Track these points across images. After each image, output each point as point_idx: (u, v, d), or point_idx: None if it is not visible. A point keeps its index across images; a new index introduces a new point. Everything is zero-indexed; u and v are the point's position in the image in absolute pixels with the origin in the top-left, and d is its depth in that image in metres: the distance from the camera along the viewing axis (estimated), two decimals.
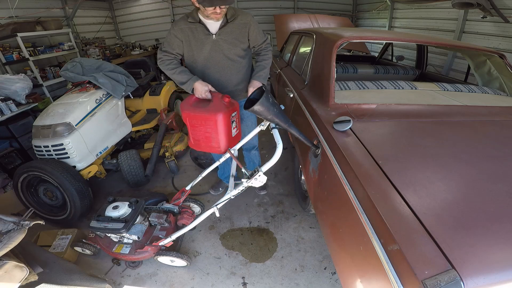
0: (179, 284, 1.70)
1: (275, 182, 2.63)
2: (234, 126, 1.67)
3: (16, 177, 2.10)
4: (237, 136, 1.74)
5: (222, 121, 1.56)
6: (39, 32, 4.06)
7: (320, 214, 1.46)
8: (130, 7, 6.77)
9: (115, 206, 1.67)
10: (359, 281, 0.99)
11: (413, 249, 0.76)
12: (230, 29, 1.69)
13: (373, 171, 1.06)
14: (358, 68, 2.86)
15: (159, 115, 3.13)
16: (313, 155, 1.57)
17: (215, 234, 2.07)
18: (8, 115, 2.84)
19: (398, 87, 1.90)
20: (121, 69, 2.80)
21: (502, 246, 0.78)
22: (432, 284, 0.68)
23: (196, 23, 1.65)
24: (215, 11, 1.51)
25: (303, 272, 1.75)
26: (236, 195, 1.48)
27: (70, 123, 2.17)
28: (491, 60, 2.14)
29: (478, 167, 1.10)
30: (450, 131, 1.38)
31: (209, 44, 1.71)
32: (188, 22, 1.66)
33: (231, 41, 1.72)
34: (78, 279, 1.41)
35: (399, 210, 0.88)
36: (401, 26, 5.41)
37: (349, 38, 1.91)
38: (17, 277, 1.18)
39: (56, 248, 1.81)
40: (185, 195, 1.98)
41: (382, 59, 3.79)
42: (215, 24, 1.67)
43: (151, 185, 2.68)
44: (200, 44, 1.72)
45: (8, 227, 1.24)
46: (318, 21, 5.71)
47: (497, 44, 3.47)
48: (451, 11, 4.02)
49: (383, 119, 1.48)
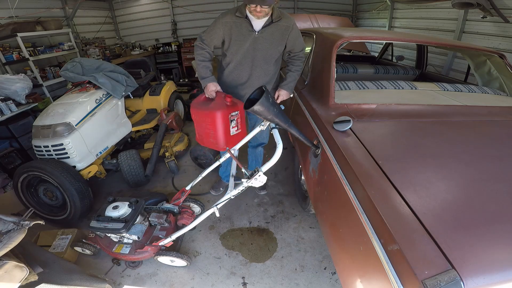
0: (179, 284, 1.70)
1: (275, 182, 2.63)
2: (234, 125, 1.71)
3: (16, 177, 2.10)
4: (238, 135, 1.77)
5: (220, 119, 1.62)
6: (39, 32, 4.05)
7: (320, 214, 1.46)
8: (130, 7, 6.76)
9: (115, 206, 1.67)
10: (359, 281, 0.99)
11: (413, 249, 0.76)
12: (273, 29, 1.72)
13: (373, 171, 1.06)
14: (358, 68, 2.86)
15: (159, 115, 3.13)
16: (313, 155, 1.57)
17: (215, 234, 2.07)
18: (8, 115, 2.84)
19: (398, 87, 1.90)
20: (121, 69, 2.80)
21: (502, 246, 0.78)
22: (432, 284, 0.68)
23: (243, 18, 1.68)
24: (256, 9, 1.56)
25: (303, 272, 1.75)
26: (236, 195, 1.48)
27: (70, 123, 2.17)
28: (491, 60, 2.14)
29: (478, 167, 1.10)
30: (450, 131, 1.38)
31: (250, 40, 1.74)
32: (235, 16, 1.69)
33: (271, 41, 1.75)
34: (78, 279, 1.41)
35: (399, 210, 0.88)
36: (401, 26, 5.41)
37: (349, 38, 1.91)
38: (17, 277, 1.18)
39: (56, 248, 1.81)
40: (185, 195, 1.98)
41: (382, 59, 3.79)
42: (260, 22, 1.69)
43: (151, 185, 2.68)
44: (242, 38, 1.75)
45: (8, 227, 1.24)
46: (318, 21, 5.70)
47: (497, 44, 3.46)
48: (451, 11, 4.01)
49: (383, 119, 1.48)
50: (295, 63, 1.87)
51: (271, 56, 1.82)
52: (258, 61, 1.82)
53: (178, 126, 3.19)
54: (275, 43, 1.77)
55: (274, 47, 1.78)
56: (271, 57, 1.83)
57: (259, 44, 1.75)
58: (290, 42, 1.80)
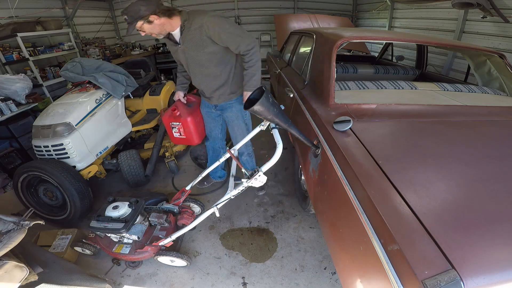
0: (179, 284, 1.70)
1: (275, 182, 2.63)
2: (176, 131, 2.25)
3: (16, 177, 2.10)
4: (184, 140, 2.28)
5: (164, 123, 2.26)
6: (39, 32, 4.05)
7: (320, 214, 1.46)
8: None
9: (115, 206, 1.67)
10: (359, 281, 0.99)
11: (413, 249, 0.76)
12: (189, 36, 1.65)
13: (373, 171, 1.06)
14: (358, 68, 2.86)
15: (159, 115, 3.13)
16: (313, 155, 1.57)
17: (215, 234, 2.07)
18: (8, 115, 2.84)
19: (398, 87, 1.90)
20: (121, 69, 2.80)
21: (502, 246, 0.78)
22: (432, 284, 0.68)
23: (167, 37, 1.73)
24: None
25: (303, 272, 1.75)
26: (236, 195, 1.48)
27: (70, 123, 2.17)
28: (491, 60, 2.14)
29: (478, 167, 1.10)
30: (450, 131, 1.38)
31: (180, 53, 1.78)
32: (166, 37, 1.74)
33: (194, 47, 1.68)
34: (78, 279, 1.41)
35: (399, 210, 0.88)
36: (401, 26, 5.41)
37: (349, 38, 1.91)
38: (17, 277, 1.18)
39: (56, 248, 1.81)
40: (185, 195, 1.98)
41: (382, 59, 3.79)
42: (177, 34, 1.69)
43: (151, 185, 2.68)
44: (175, 53, 1.85)
45: (8, 227, 1.24)
46: (318, 21, 5.71)
47: (497, 44, 3.47)
48: (451, 11, 4.01)
49: (383, 119, 1.48)
50: (245, 59, 1.69)
51: (205, 60, 1.73)
52: (196, 69, 1.82)
53: None
54: (199, 48, 1.67)
55: (200, 52, 1.68)
56: (206, 61, 1.74)
57: (187, 53, 1.74)
58: (217, 39, 1.62)
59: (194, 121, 2.17)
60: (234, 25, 1.65)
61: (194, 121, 2.17)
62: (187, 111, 2.15)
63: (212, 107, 2.10)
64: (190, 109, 2.19)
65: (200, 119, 2.24)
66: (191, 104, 2.27)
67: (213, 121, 2.19)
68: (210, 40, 1.63)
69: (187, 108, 2.19)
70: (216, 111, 2.11)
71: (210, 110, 2.13)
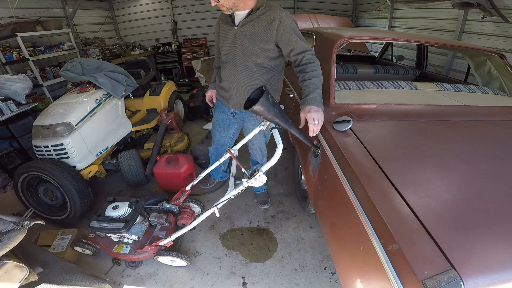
0: (179, 284, 1.70)
1: (275, 182, 2.63)
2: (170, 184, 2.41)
3: (16, 177, 2.10)
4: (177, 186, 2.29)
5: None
6: (39, 32, 4.05)
7: (320, 214, 1.46)
8: (130, 7, 6.76)
9: (115, 206, 1.67)
10: (359, 281, 0.99)
11: (413, 249, 0.76)
12: (253, 22, 1.49)
13: (373, 171, 1.06)
14: (358, 68, 2.86)
15: (159, 115, 3.13)
16: (313, 155, 1.57)
17: (215, 234, 2.07)
18: (8, 115, 2.84)
19: (398, 87, 1.90)
20: (121, 69, 2.80)
21: (502, 246, 0.78)
22: (432, 284, 0.68)
23: None
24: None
25: (303, 272, 1.75)
26: (236, 195, 1.48)
27: (70, 123, 2.17)
28: (491, 60, 2.14)
29: (478, 167, 1.10)
30: (450, 131, 1.38)
31: (231, 36, 1.58)
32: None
33: (251, 36, 1.51)
34: (78, 279, 1.41)
35: (399, 210, 0.88)
36: (401, 26, 5.41)
37: (349, 38, 1.91)
38: (17, 277, 1.18)
39: (56, 248, 1.81)
40: (185, 195, 1.98)
41: (382, 59, 3.79)
42: (241, 15, 1.52)
43: (151, 185, 2.68)
44: (224, 35, 1.62)
45: (8, 227, 1.24)
46: (318, 21, 5.70)
47: (497, 44, 3.47)
48: (451, 11, 4.01)
49: (383, 119, 1.48)
50: (306, 70, 1.45)
51: (253, 53, 1.55)
52: (239, 59, 1.60)
53: (178, 126, 3.19)
54: (256, 39, 1.50)
55: (254, 42, 1.51)
56: (253, 55, 1.56)
57: (238, 39, 1.55)
58: (282, 38, 1.47)
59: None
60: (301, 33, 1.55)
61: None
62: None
63: (229, 114, 1.89)
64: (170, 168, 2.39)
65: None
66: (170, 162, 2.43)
67: (225, 129, 2.01)
68: (272, 39, 1.51)
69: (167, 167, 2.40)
70: (235, 119, 1.91)
71: (227, 117, 1.92)
